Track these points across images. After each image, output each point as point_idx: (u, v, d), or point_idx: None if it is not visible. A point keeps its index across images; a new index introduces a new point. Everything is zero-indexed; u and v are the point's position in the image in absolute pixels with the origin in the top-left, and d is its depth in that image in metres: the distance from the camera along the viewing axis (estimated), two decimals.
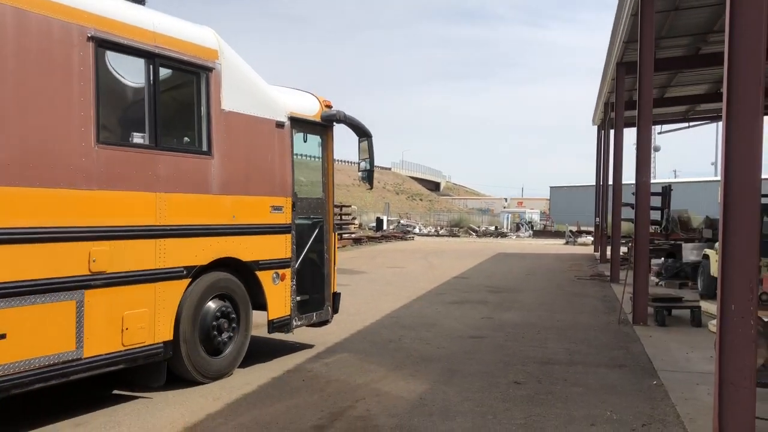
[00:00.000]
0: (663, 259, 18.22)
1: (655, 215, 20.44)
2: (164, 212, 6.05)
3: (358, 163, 8.67)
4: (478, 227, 53.64)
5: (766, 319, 8.13)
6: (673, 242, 19.02)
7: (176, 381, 6.64)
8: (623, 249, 19.49)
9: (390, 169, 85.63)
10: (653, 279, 15.76)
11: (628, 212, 17.14)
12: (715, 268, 12.92)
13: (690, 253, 16.41)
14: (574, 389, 6.59)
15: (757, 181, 4.42)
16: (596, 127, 30.20)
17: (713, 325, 9.30)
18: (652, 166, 14.55)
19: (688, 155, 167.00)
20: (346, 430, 5.32)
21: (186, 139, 6.62)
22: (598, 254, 25.74)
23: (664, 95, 22.28)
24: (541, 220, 62.30)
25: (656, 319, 10.36)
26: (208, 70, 6.53)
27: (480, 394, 6.38)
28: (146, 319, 5.90)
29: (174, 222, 6.15)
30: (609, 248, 19.78)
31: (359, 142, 8.56)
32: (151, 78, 5.99)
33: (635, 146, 11.04)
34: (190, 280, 6.33)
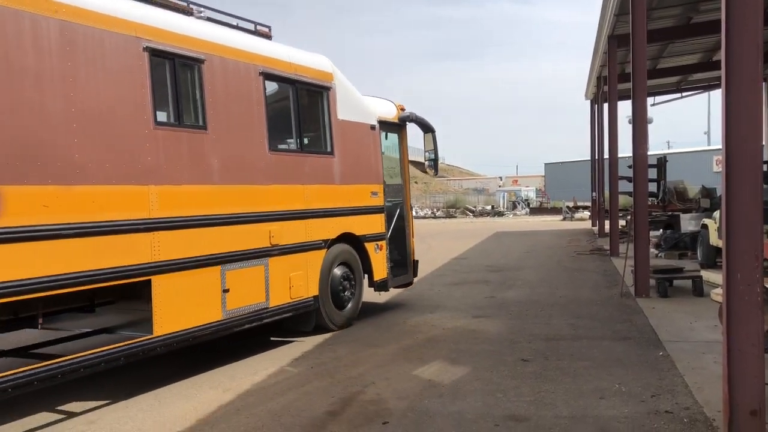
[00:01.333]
0: (661, 230, 18.26)
1: (652, 187, 20.46)
2: (309, 199, 8.05)
3: (425, 153, 10.71)
4: (475, 207, 53.68)
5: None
6: (670, 213, 19.07)
7: (182, 373, 6.67)
8: (621, 222, 19.53)
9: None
10: (652, 251, 15.79)
11: (624, 185, 17.18)
12: (714, 238, 12.96)
13: (688, 223, 16.45)
14: (581, 363, 6.63)
15: (758, 147, 4.41)
16: (589, 101, 30.16)
17: (716, 294, 9.38)
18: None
19: (681, 126, 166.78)
20: (359, 415, 5.35)
21: (316, 143, 8.56)
22: (596, 229, 25.82)
23: (656, 66, 22.24)
24: (537, 197, 62.31)
25: (658, 291, 10.40)
26: (328, 89, 8.47)
27: (488, 372, 6.41)
28: (303, 279, 7.90)
29: (315, 206, 8.15)
30: (607, 222, 19.83)
31: (425, 136, 10.60)
32: (295, 99, 7.99)
33: (628, 119, 11.06)
34: (326, 250, 8.32)
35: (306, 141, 8.36)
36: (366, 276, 9.27)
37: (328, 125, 8.46)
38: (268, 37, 8.02)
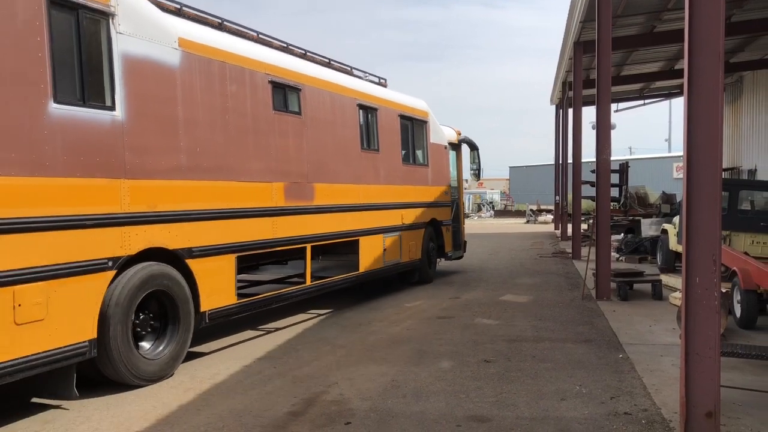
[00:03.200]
0: (622, 234, 18.58)
1: (614, 192, 20.81)
2: (418, 195, 12.38)
3: (471, 165, 15.90)
4: None
5: (724, 290, 8.39)
6: (631, 218, 19.41)
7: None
8: (583, 226, 19.81)
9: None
10: (613, 255, 16.04)
11: (586, 190, 17.44)
12: (673, 242, 13.23)
13: (648, 228, 16.78)
14: (543, 365, 6.70)
15: (718, 156, 4.51)
16: (554, 106, 30.53)
17: (674, 297, 9.56)
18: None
19: (643, 132, 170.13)
20: (321, 415, 5.32)
21: (419, 158, 12.77)
22: (558, 232, 26.13)
23: (620, 73, 22.58)
24: (501, 200, 62.82)
25: (619, 294, 10.58)
26: (426, 122, 12.98)
27: (451, 373, 6.44)
28: (415, 247, 12.29)
29: (420, 200, 12.51)
30: (569, 226, 20.10)
31: (471, 152, 15.58)
32: (411, 130, 12.34)
33: (591, 125, 11.24)
34: (424, 229, 12.69)
35: (415, 157, 12.60)
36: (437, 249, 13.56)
37: (425, 146, 12.97)
38: (384, 85, 12.28)
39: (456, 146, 14.77)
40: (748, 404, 5.37)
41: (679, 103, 45.91)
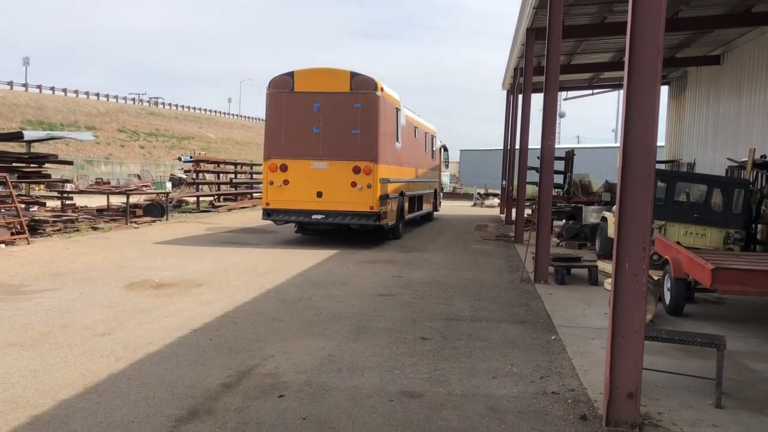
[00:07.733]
0: (564, 221, 18.97)
1: (558, 179, 21.21)
2: (432, 176, 24.06)
3: (444, 159, 28.74)
4: None
5: (655, 278, 8.67)
6: (574, 205, 19.81)
7: (72, 340, 6.42)
8: (528, 211, 20.16)
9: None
10: (555, 240, 16.39)
11: (533, 176, 17.73)
12: (612, 230, 13.57)
13: (590, 215, 17.16)
14: (478, 344, 6.83)
15: (652, 146, 4.63)
16: (506, 91, 30.81)
17: (609, 283, 9.83)
18: (557, 131, 15.24)
19: (591, 122, 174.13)
20: (255, 388, 5.30)
21: (433, 155, 24.47)
22: (503, 216, 26.52)
23: (570, 62, 22.92)
24: (450, 182, 63.29)
25: (556, 278, 10.82)
26: (435, 137, 25.11)
27: (388, 350, 6.50)
28: (432, 201, 24.21)
29: (433, 179, 24.35)
30: (514, 210, 20.41)
31: (444, 151, 28.35)
32: (431, 142, 23.94)
33: (541, 111, 11.35)
34: (434, 192, 24.70)
35: (433, 155, 23.96)
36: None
37: (434, 149, 24.38)
38: (416, 114, 20.78)
39: (441, 149, 26.70)
40: (669, 387, 5.60)
41: None
